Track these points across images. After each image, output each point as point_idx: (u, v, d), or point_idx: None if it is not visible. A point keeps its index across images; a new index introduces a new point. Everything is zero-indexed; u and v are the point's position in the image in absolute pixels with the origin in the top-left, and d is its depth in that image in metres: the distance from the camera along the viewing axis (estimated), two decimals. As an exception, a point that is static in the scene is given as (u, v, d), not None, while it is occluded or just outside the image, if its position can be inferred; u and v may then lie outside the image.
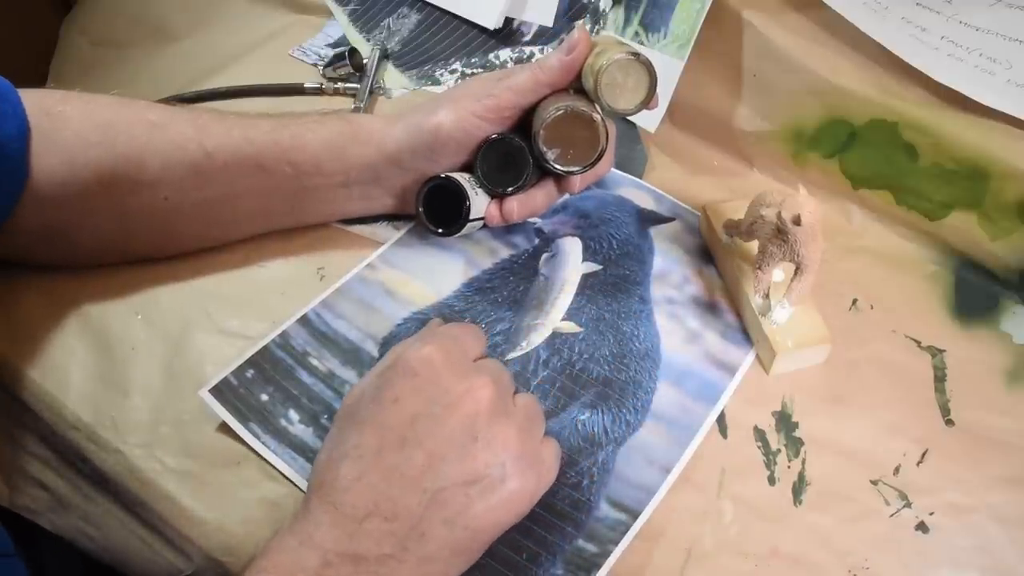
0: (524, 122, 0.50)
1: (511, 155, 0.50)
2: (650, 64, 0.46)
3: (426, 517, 0.34)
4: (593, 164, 0.49)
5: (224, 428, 0.44)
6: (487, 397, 0.37)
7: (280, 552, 0.34)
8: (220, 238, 0.52)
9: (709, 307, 0.51)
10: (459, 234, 0.51)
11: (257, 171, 0.49)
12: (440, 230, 0.51)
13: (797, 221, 0.43)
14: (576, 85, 0.49)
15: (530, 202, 0.51)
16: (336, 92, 0.68)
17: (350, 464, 0.35)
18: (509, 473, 0.36)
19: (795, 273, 0.46)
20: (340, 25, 0.75)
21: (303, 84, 0.68)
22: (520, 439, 0.37)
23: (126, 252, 0.50)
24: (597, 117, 0.47)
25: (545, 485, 0.39)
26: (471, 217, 0.50)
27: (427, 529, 0.34)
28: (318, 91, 0.68)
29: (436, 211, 0.51)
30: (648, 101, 0.47)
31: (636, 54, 0.45)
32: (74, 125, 0.45)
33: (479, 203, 0.50)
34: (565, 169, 0.49)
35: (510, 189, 0.51)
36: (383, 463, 0.35)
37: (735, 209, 0.52)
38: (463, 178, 0.50)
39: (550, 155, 0.49)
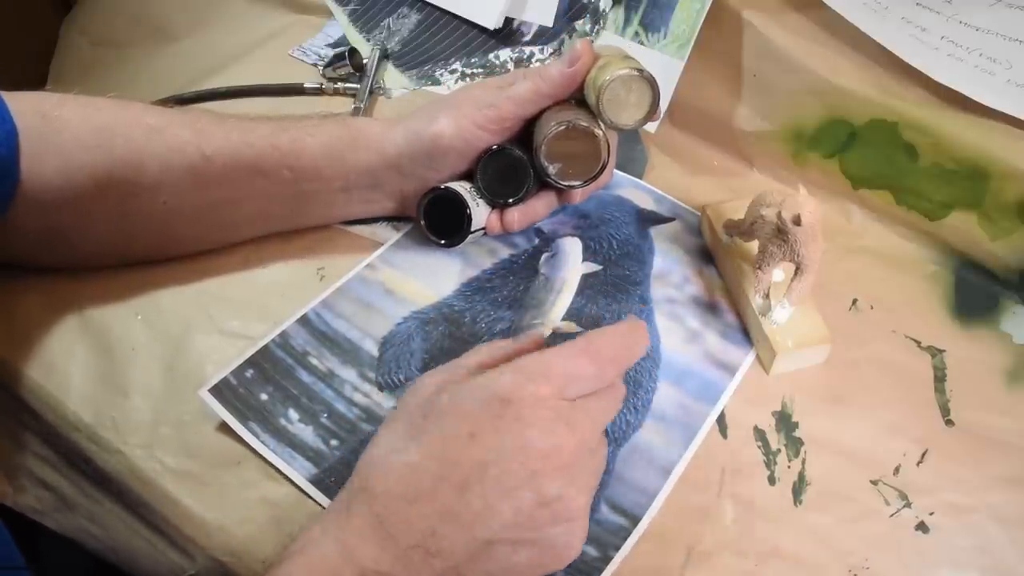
0: (525, 131, 0.50)
1: (512, 167, 0.50)
2: (653, 80, 0.45)
3: (468, 562, 0.33)
4: (595, 178, 0.49)
5: (224, 429, 0.44)
6: (567, 459, 0.33)
7: (318, 559, 0.32)
8: (219, 241, 0.52)
9: (709, 307, 0.51)
10: (461, 244, 0.52)
11: (256, 175, 0.48)
12: (443, 241, 0.51)
13: (797, 221, 0.43)
14: (578, 96, 0.48)
15: (530, 212, 0.51)
16: (336, 92, 0.68)
17: (404, 483, 0.33)
18: (561, 537, 0.34)
19: (795, 273, 0.46)
20: (340, 25, 0.75)
21: (303, 84, 0.68)
22: (584, 506, 0.34)
23: (125, 255, 0.50)
24: (599, 132, 0.47)
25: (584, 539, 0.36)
26: (472, 228, 0.50)
27: (466, 573, 0.33)
28: (318, 91, 0.68)
29: (437, 220, 0.51)
30: (650, 116, 0.47)
31: (640, 70, 0.45)
32: (71, 129, 0.45)
33: (480, 214, 0.51)
34: (566, 183, 0.49)
35: (511, 200, 0.51)
36: (439, 498, 0.32)
37: (735, 209, 0.52)
38: (463, 188, 0.50)
39: (551, 169, 0.49)
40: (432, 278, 0.52)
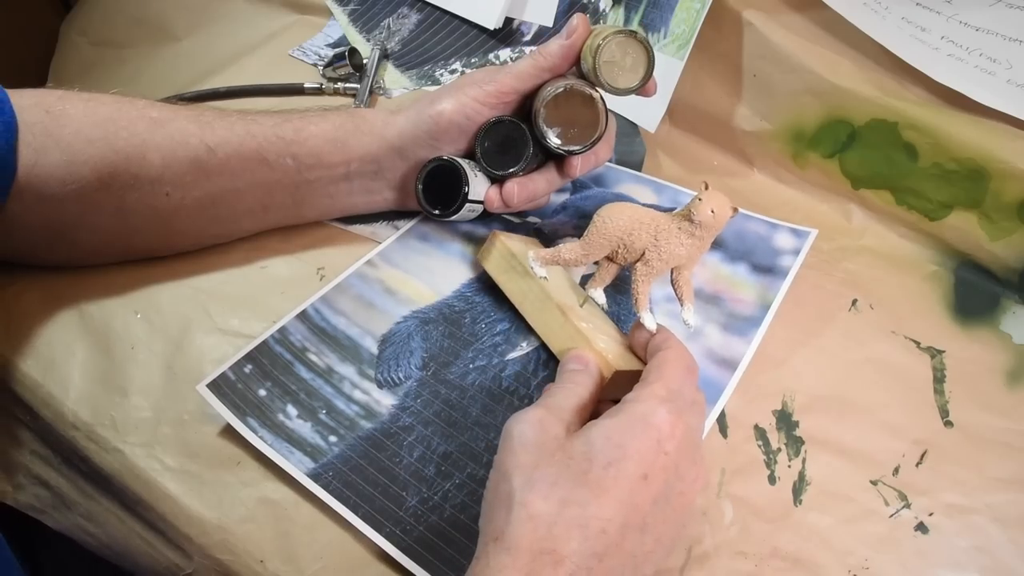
0: (525, 109, 0.50)
1: (511, 137, 0.50)
2: (647, 42, 0.46)
3: None
4: (594, 143, 0.49)
5: (224, 428, 0.44)
6: (702, 485, 0.36)
7: None
8: (221, 235, 0.52)
9: (709, 299, 0.51)
10: (457, 216, 0.51)
11: (259, 165, 0.49)
12: (437, 211, 0.51)
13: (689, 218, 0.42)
14: (576, 71, 0.49)
15: (531, 186, 0.51)
16: (336, 92, 0.68)
17: (593, 540, 0.31)
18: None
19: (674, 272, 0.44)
20: (340, 25, 0.75)
21: (303, 84, 0.68)
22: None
23: (127, 250, 0.50)
24: (597, 95, 0.48)
25: None
26: (470, 198, 0.50)
27: None
28: (318, 91, 0.68)
29: (435, 195, 0.51)
30: (647, 79, 0.47)
31: (634, 32, 0.45)
32: (74, 123, 0.45)
33: (478, 186, 0.50)
34: (566, 148, 0.49)
35: (511, 170, 0.50)
36: (625, 546, 0.32)
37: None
38: (464, 162, 0.50)
39: (551, 134, 0.49)
40: (432, 278, 0.52)
